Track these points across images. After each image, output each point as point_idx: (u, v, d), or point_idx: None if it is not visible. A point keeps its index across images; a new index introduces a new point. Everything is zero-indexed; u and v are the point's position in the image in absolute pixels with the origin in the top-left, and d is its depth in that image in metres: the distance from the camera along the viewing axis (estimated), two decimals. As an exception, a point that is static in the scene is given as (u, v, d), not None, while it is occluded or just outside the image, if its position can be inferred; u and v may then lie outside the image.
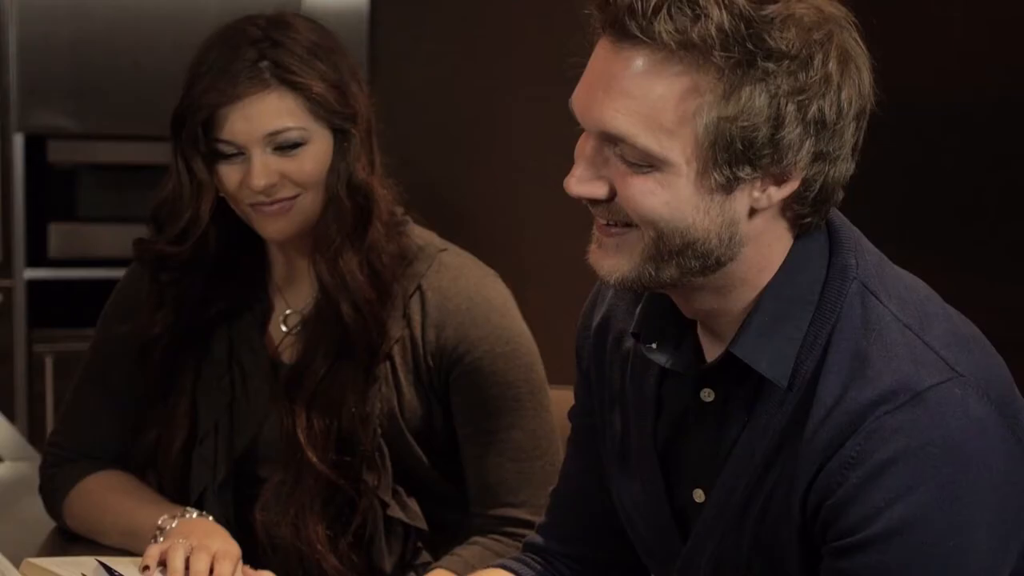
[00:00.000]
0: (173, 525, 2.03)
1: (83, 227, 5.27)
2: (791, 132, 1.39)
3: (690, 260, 1.44)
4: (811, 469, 1.44)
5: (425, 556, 2.11)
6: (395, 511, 2.09)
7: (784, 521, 1.46)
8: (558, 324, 2.35)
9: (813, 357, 1.46)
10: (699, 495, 1.55)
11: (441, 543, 2.10)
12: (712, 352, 1.53)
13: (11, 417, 4.76)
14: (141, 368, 2.17)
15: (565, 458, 1.79)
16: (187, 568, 1.90)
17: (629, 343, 1.62)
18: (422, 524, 2.11)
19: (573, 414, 1.78)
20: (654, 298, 1.55)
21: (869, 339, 1.44)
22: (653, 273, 1.45)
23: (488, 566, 1.81)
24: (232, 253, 2.15)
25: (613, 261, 1.46)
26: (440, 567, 2.05)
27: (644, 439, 1.60)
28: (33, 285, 5.29)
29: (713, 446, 1.53)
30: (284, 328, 2.16)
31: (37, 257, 5.30)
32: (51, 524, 2.25)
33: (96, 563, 1.90)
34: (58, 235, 5.30)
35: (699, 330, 1.54)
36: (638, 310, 1.57)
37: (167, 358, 2.16)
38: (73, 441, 2.23)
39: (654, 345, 1.54)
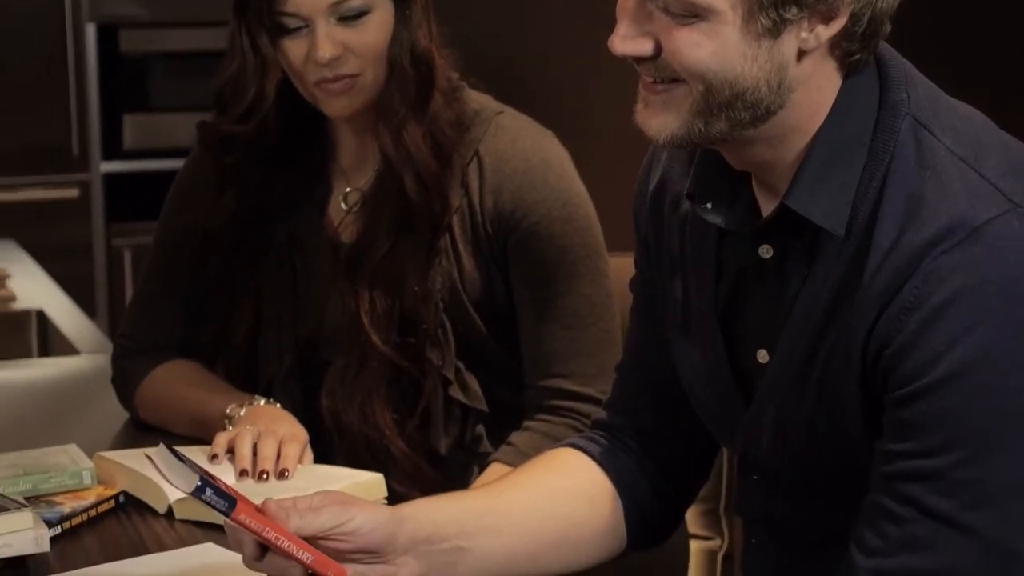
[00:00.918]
0: (241, 413, 2.03)
1: (157, 117, 5.27)
2: None
3: (740, 112, 1.41)
4: (870, 318, 1.41)
5: (485, 444, 2.10)
6: (456, 392, 2.08)
7: (845, 374, 1.44)
8: (616, 188, 2.31)
9: (868, 202, 1.43)
10: (762, 356, 1.53)
11: (499, 425, 2.09)
12: (767, 207, 1.50)
13: (91, 312, 4.82)
14: (205, 258, 2.17)
15: (629, 330, 1.77)
16: (255, 454, 1.90)
17: (686, 206, 1.59)
18: (481, 405, 2.09)
19: (634, 284, 1.76)
20: (706, 156, 1.52)
21: (923, 177, 1.41)
22: (703, 128, 1.42)
23: (548, 448, 1.79)
24: (293, 136, 2.13)
25: (661, 119, 1.43)
26: (496, 459, 2.04)
27: (705, 303, 1.58)
28: (109, 178, 5.32)
29: (774, 305, 1.51)
30: (344, 207, 2.14)
31: (112, 150, 5.32)
32: (126, 416, 2.27)
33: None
34: (132, 126, 5.31)
35: (754, 185, 1.51)
36: (691, 170, 1.54)
37: (230, 247, 2.15)
38: (141, 333, 2.24)
39: (709, 205, 1.52)
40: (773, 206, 1.48)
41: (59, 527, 1.76)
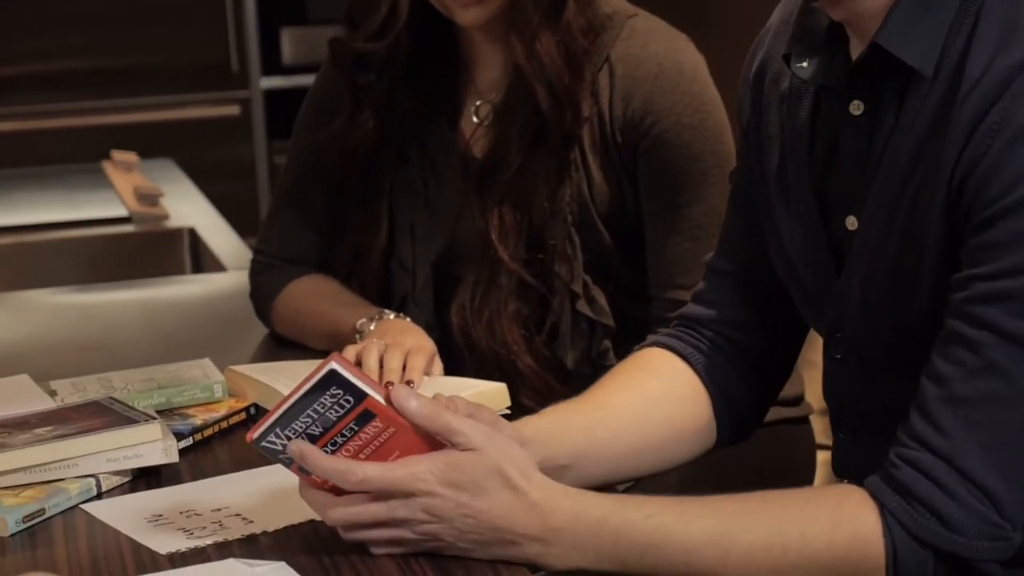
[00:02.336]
0: (371, 327, 2.06)
1: (315, 30, 5.29)
2: None
3: None
4: (959, 146, 1.41)
5: (611, 358, 2.10)
6: (583, 306, 2.08)
7: (928, 217, 1.45)
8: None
9: (961, 38, 1.43)
10: (851, 223, 1.54)
11: (625, 340, 2.08)
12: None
13: (255, 230, 4.87)
14: (340, 175, 2.19)
15: (724, 222, 1.79)
16: (382, 367, 1.93)
17: (785, 84, 1.61)
18: (608, 320, 2.09)
19: (733, 175, 1.77)
20: (805, 15, 1.54)
21: (1020, 8, 1.41)
22: None
23: (639, 346, 1.81)
24: (424, 51, 2.14)
25: None
26: None
27: (800, 174, 1.59)
28: (269, 94, 5.37)
29: (862, 166, 1.52)
30: (476, 120, 2.15)
31: (272, 65, 5.37)
32: (265, 331, 2.32)
33: (293, 369, 1.95)
34: (291, 40, 5.35)
35: (851, 41, 1.52)
36: (790, 33, 1.56)
37: (365, 164, 2.17)
38: (276, 249, 2.28)
39: (804, 64, 1.54)
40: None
41: (190, 438, 1.82)
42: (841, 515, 1.43)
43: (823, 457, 2.24)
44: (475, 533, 1.45)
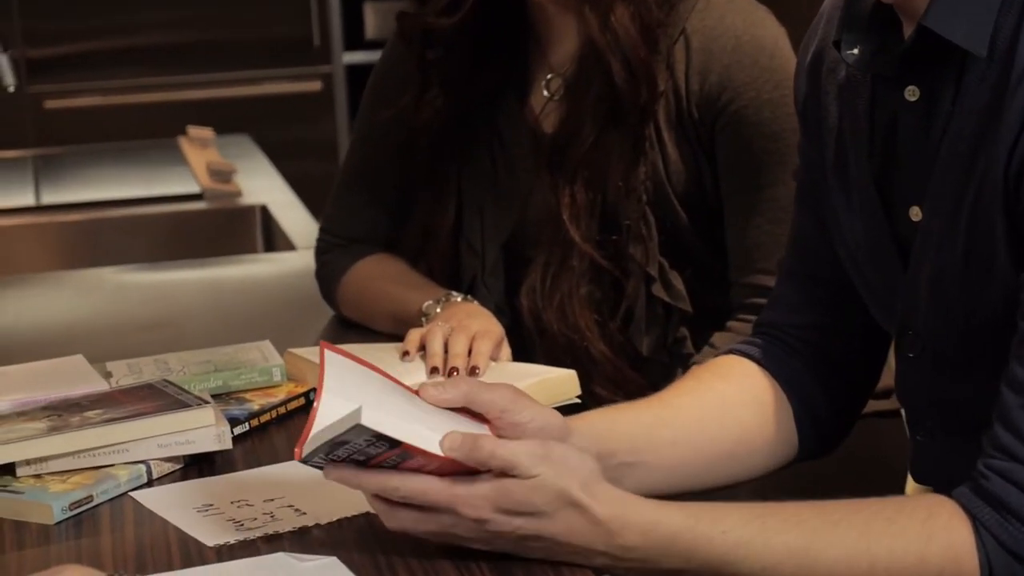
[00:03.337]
0: (437, 309, 1.99)
1: (399, 5, 5.21)
2: None
3: None
4: (1012, 136, 1.34)
5: (688, 346, 2.01)
6: (659, 290, 1.99)
7: (992, 206, 1.36)
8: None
9: (1012, 17, 1.35)
10: (915, 213, 1.46)
11: (704, 327, 2.00)
12: None
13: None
14: (409, 154, 2.12)
15: (792, 222, 1.70)
16: (447, 351, 1.85)
17: (842, 72, 1.54)
18: (685, 305, 2.00)
19: (797, 172, 1.69)
20: (855, 3, 1.47)
21: None
22: None
23: (716, 354, 1.72)
24: (495, 25, 2.06)
25: None
26: (697, 362, 1.94)
27: (861, 167, 1.51)
28: (352, 70, 5.31)
29: (922, 154, 1.44)
30: (546, 94, 2.06)
31: (354, 40, 5.31)
32: (331, 313, 2.26)
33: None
34: (374, 14, 5.28)
35: (904, 27, 1.45)
36: (839, 18, 1.48)
37: (434, 143, 2.10)
38: (343, 228, 2.21)
39: (855, 50, 1.46)
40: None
41: (246, 424, 1.75)
42: (933, 528, 1.34)
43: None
44: (538, 549, 1.37)
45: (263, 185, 3.40)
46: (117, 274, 2.64)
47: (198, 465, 1.66)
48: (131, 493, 1.59)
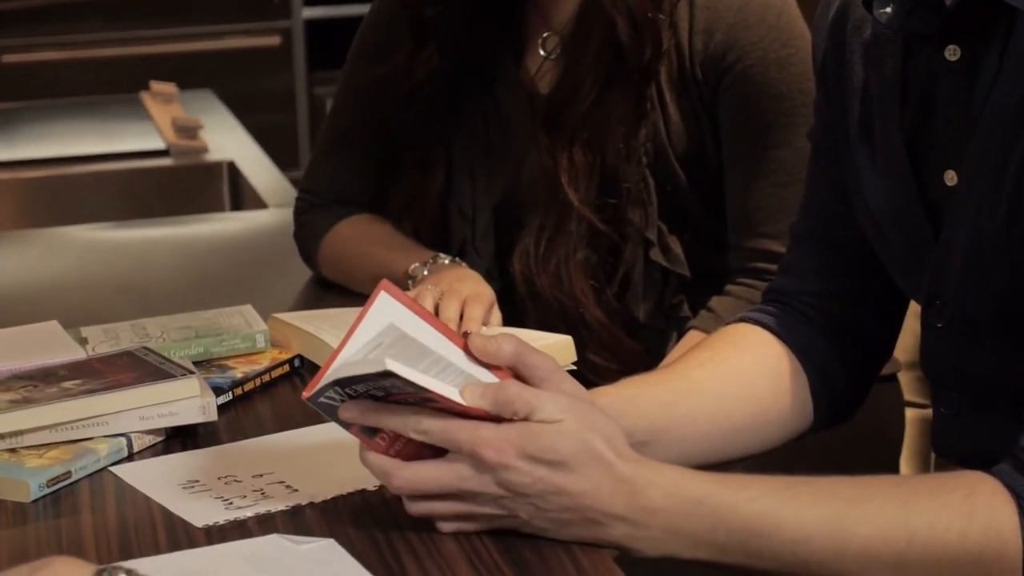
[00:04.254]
0: (424, 272, 1.92)
1: (358, -39, 5.16)
2: None
3: None
4: None
5: (685, 310, 1.94)
6: (657, 255, 1.91)
7: None
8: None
9: None
10: (950, 177, 1.39)
11: (700, 291, 1.93)
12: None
13: (295, 163, 4.75)
14: (398, 114, 2.04)
15: (805, 187, 1.63)
16: (437, 315, 1.78)
17: (868, 31, 1.46)
18: (683, 270, 1.93)
19: (812, 133, 1.61)
20: None
21: None
22: None
23: (727, 322, 1.65)
24: None
25: None
26: (695, 327, 1.89)
27: (890, 129, 1.44)
28: (312, 25, 5.23)
29: (962, 116, 1.37)
30: (543, 53, 1.98)
31: (314, -6, 5.23)
32: (309, 274, 2.18)
33: (340, 316, 1.81)
34: (333, -31, 5.20)
35: None
36: None
37: (426, 103, 2.02)
38: (324, 187, 2.13)
39: (887, 8, 1.38)
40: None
41: (230, 393, 1.67)
42: (975, 505, 1.26)
43: (911, 415, 2.10)
44: (555, 511, 1.28)
45: (229, 141, 3.30)
46: (85, 232, 2.54)
47: (180, 438, 1.57)
48: (111, 468, 1.50)
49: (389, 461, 1.31)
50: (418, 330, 1.31)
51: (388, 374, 1.24)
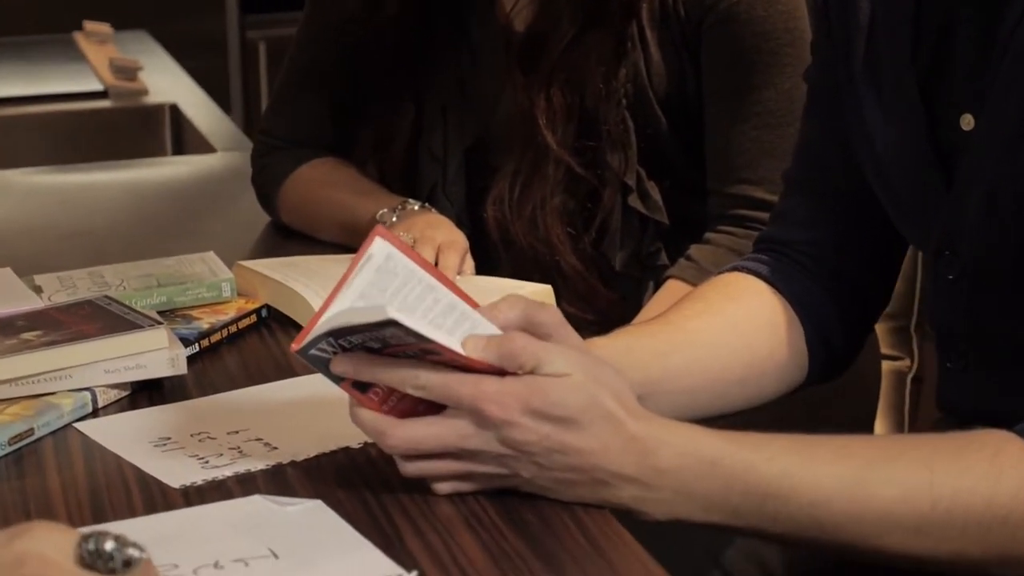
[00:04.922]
0: (394, 219, 1.84)
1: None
2: None
3: None
4: None
5: (662, 258, 1.87)
6: (635, 201, 1.84)
7: None
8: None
9: None
10: (967, 121, 1.33)
11: (679, 239, 1.86)
12: None
13: (226, 107, 4.63)
14: (364, 53, 1.95)
15: (800, 131, 1.56)
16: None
17: None
18: (662, 217, 1.86)
19: (809, 73, 1.54)
20: None
21: None
22: None
23: (720, 270, 1.59)
24: None
25: None
26: (673, 275, 1.82)
27: (900, 68, 1.38)
28: (244, -34, 5.13)
29: (982, 57, 1.31)
30: None
31: (247, -64, 5.12)
32: (266, 220, 2.09)
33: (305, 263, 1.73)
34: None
35: None
36: None
37: (395, 41, 1.94)
38: (284, 129, 2.05)
39: None
40: None
41: (197, 345, 1.58)
42: (1002, 466, 1.20)
43: (885, 367, 2.05)
44: (560, 471, 1.21)
45: (169, 83, 3.20)
46: (23, 176, 2.44)
47: (147, 392, 1.49)
48: (75, 425, 1.42)
49: (383, 419, 1.23)
50: (416, 278, 1.24)
51: (389, 323, 1.16)
